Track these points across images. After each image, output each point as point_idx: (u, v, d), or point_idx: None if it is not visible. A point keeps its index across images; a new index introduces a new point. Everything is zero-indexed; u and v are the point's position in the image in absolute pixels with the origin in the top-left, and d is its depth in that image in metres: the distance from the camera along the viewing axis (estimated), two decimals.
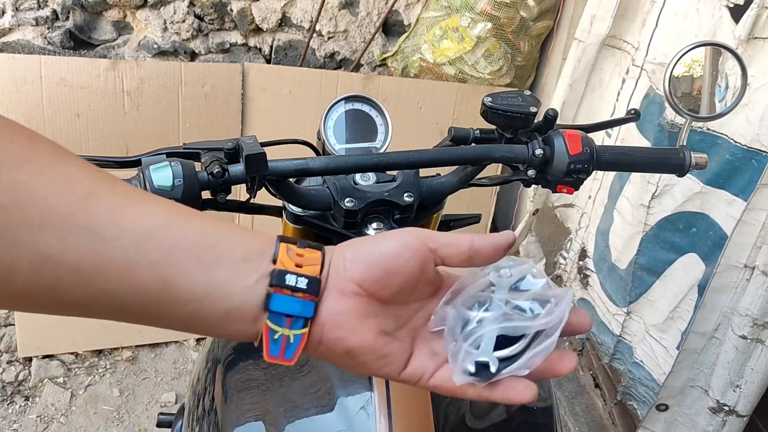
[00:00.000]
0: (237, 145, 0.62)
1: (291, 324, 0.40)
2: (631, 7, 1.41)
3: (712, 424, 1.30)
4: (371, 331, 0.41)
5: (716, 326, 1.23)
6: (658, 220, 1.29)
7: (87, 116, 1.65)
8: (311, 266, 0.40)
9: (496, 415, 0.63)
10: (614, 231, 1.43)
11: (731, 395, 1.25)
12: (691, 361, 1.28)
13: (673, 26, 1.24)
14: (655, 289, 1.34)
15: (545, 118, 0.70)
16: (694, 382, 1.30)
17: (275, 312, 0.40)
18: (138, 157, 0.60)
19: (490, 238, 0.43)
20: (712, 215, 1.18)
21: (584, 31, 1.46)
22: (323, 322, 0.41)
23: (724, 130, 1.13)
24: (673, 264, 1.28)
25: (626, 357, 1.45)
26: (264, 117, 1.82)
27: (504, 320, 0.41)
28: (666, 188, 1.25)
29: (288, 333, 0.40)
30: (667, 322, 1.31)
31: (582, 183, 0.69)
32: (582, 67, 1.49)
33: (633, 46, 1.40)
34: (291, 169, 0.63)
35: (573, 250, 1.64)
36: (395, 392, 0.58)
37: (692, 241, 1.23)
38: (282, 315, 0.40)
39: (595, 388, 1.91)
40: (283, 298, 0.40)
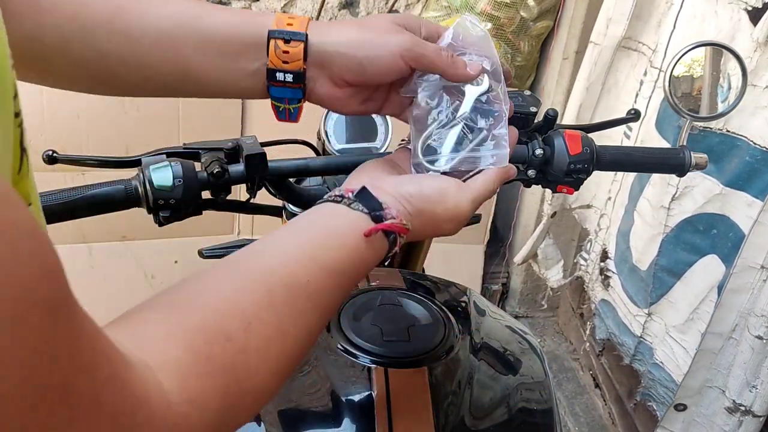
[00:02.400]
0: (237, 145, 0.62)
1: (289, 102, 0.55)
2: (646, 9, 1.40)
3: (729, 423, 1.30)
4: (356, 103, 0.57)
5: (733, 327, 1.23)
6: (678, 222, 1.29)
7: (87, 116, 1.65)
8: (295, 62, 0.52)
9: (496, 415, 0.63)
10: (635, 232, 1.43)
11: (747, 395, 1.26)
12: (709, 361, 1.28)
13: (690, 28, 1.24)
14: (675, 291, 1.34)
15: (545, 118, 0.70)
16: (712, 382, 1.30)
17: (275, 96, 0.55)
18: (138, 157, 0.60)
19: (460, 68, 0.55)
20: (733, 217, 1.18)
21: (600, 34, 1.45)
22: (321, 98, 0.56)
23: (744, 132, 1.13)
24: (694, 265, 1.29)
25: (646, 358, 1.45)
26: (264, 117, 1.81)
27: (460, 133, 0.54)
28: (686, 190, 1.25)
29: (288, 107, 0.56)
30: (688, 323, 1.31)
31: (582, 183, 0.69)
32: (598, 70, 1.48)
33: (649, 47, 1.40)
34: (291, 169, 0.63)
35: (594, 251, 1.64)
36: (395, 392, 0.58)
37: (712, 242, 1.24)
38: (281, 98, 0.55)
39: (595, 388, 1.91)
40: (277, 89, 0.54)
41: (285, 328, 0.38)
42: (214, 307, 0.36)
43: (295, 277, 0.40)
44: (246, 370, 0.35)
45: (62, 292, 0.24)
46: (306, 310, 0.40)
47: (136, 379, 0.28)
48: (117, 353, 0.28)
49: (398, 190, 0.50)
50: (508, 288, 2.26)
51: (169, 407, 0.30)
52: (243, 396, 0.35)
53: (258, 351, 0.36)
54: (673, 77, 0.74)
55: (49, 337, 0.22)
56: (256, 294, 0.38)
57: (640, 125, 1.38)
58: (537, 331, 2.19)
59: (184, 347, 0.33)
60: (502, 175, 0.55)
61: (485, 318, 0.74)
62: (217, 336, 0.34)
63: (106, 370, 0.26)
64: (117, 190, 0.57)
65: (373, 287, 0.71)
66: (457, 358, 0.64)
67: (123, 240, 1.79)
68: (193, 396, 0.31)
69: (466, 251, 2.09)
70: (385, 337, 0.62)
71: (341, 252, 0.44)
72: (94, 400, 0.25)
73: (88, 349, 0.25)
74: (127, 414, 0.27)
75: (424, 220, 0.51)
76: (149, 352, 0.31)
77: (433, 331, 0.65)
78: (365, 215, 0.47)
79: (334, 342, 0.62)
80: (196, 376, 0.32)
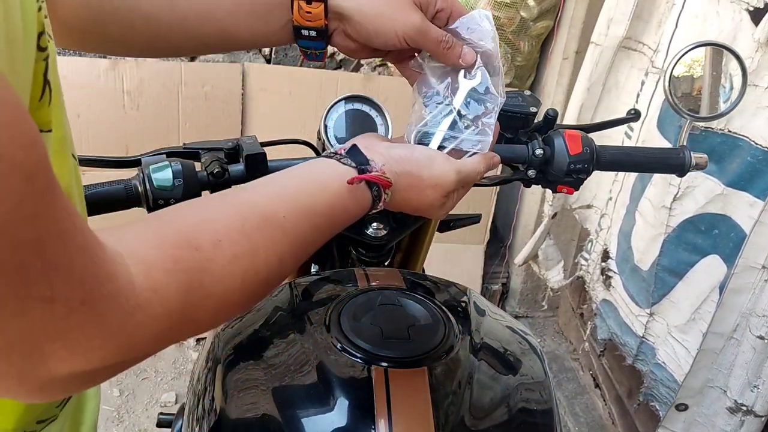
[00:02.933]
0: (237, 145, 0.62)
1: (315, 48, 0.64)
2: (646, 9, 1.40)
3: (730, 424, 1.30)
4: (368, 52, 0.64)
5: (735, 327, 1.23)
6: (680, 222, 1.29)
7: (87, 116, 1.65)
8: (317, 20, 0.60)
9: (496, 415, 0.63)
10: (636, 232, 1.43)
11: (749, 395, 1.26)
12: (710, 361, 1.28)
13: (692, 28, 1.24)
14: (677, 291, 1.34)
15: (545, 118, 0.70)
16: (713, 382, 1.30)
17: (302, 45, 0.63)
18: (138, 157, 0.60)
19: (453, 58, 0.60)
20: (734, 217, 1.18)
21: (601, 34, 1.45)
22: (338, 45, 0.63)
23: (745, 132, 1.13)
24: (696, 266, 1.29)
25: (649, 358, 1.45)
26: (264, 117, 1.82)
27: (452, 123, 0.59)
28: (688, 190, 1.25)
29: (315, 51, 0.64)
30: (689, 323, 1.31)
31: (582, 183, 0.69)
32: (599, 71, 1.48)
33: (649, 47, 1.40)
34: None
35: (595, 251, 1.64)
36: (395, 392, 0.58)
37: (714, 242, 1.24)
38: (307, 47, 0.63)
39: (595, 388, 1.91)
40: (303, 41, 0.62)
41: (255, 250, 0.42)
42: (190, 222, 0.40)
43: (273, 210, 0.44)
44: (210, 275, 0.38)
45: (40, 163, 0.27)
46: (279, 240, 0.44)
47: (107, 258, 0.32)
48: (90, 232, 0.31)
49: (389, 152, 0.55)
50: (508, 288, 2.26)
51: (133, 289, 0.33)
52: (205, 298, 0.38)
53: (224, 264, 0.39)
54: (673, 77, 0.74)
55: (25, 198, 0.26)
56: (232, 218, 0.42)
57: (642, 125, 1.38)
58: (537, 331, 2.19)
59: (154, 246, 0.36)
60: (488, 161, 0.60)
61: (485, 318, 0.74)
62: (187, 244, 0.38)
63: (79, 240, 0.30)
64: (117, 190, 0.57)
65: (373, 287, 0.71)
66: (457, 358, 0.64)
67: None
68: (156, 286, 0.35)
69: (466, 251, 2.09)
70: (385, 337, 0.62)
71: (323, 196, 0.48)
72: (66, 261, 0.29)
73: (64, 218, 0.29)
74: (93, 283, 0.30)
75: (410, 182, 0.54)
76: (122, 245, 0.34)
77: (433, 331, 0.65)
78: (352, 169, 0.51)
79: (334, 342, 0.62)
80: (162, 271, 0.35)
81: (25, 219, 0.26)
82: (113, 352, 0.32)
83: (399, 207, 0.56)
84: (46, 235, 0.27)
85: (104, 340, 0.31)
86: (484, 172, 0.60)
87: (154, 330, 0.34)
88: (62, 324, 0.29)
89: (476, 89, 0.59)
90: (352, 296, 0.68)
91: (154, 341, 0.35)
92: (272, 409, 0.59)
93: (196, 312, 0.38)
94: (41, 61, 0.32)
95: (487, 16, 0.62)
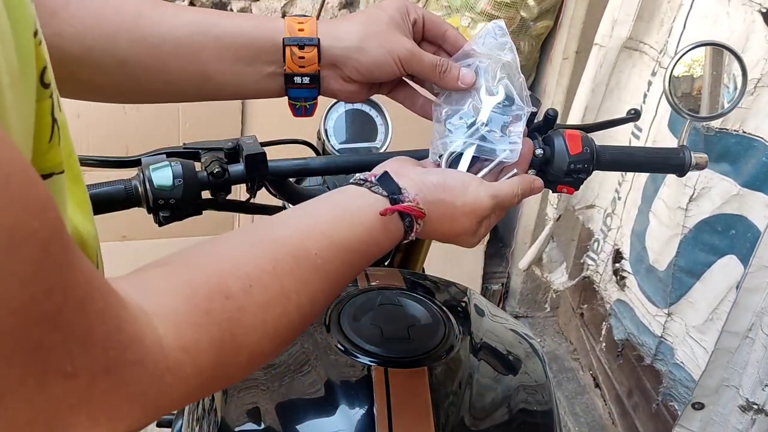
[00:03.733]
0: (237, 145, 0.62)
1: (305, 101, 0.61)
2: (648, 9, 1.40)
3: (742, 422, 1.30)
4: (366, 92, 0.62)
5: (750, 326, 1.23)
6: (696, 223, 1.29)
7: (87, 116, 1.65)
8: (311, 66, 0.57)
9: (496, 415, 0.63)
10: (650, 233, 1.43)
11: (760, 394, 1.26)
12: (726, 360, 1.28)
13: (702, 29, 1.23)
14: (695, 291, 1.34)
15: (545, 118, 0.70)
16: (729, 381, 1.30)
17: (292, 96, 0.60)
18: (138, 157, 0.60)
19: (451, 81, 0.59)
20: (750, 217, 1.18)
21: (605, 35, 1.45)
22: (334, 92, 0.61)
23: (760, 133, 1.13)
24: (713, 266, 1.28)
25: (667, 358, 1.45)
26: (264, 117, 1.82)
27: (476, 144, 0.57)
28: (703, 191, 1.25)
29: (305, 104, 0.61)
30: (707, 323, 1.31)
31: (582, 183, 0.69)
32: (603, 72, 1.48)
33: (652, 47, 1.40)
34: (291, 169, 0.63)
35: (604, 251, 1.64)
36: (395, 392, 0.58)
37: (731, 243, 1.23)
38: (298, 97, 0.60)
39: (595, 388, 1.91)
40: (294, 91, 0.59)
41: (287, 294, 0.39)
42: (218, 267, 0.37)
43: (304, 248, 0.42)
44: (243, 326, 0.36)
45: (54, 227, 0.25)
46: (311, 280, 0.41)
47: (131, 318, 0.30)
48: (112, 292, 0.29)
49: (421, 178, 0.52)
50: (508, 288, 2.26)
51: (161, 350, 0.31)
52: (237, 351, 0.36)
53: (256, 312, 0.37)
54: (673, 77, 0.74)
55: (41, 269, 0.24)
56: (262, 259, 0.39)
57: (651, 125, 1.38)
58: (537, 331, 2.19)
59: (183, 299, 0.34)
60: (526, 183, 0.57)
61: (485, 318, 0.74)
62: (218, 293, 0.35)
63: (100, 304, 0.28)
64: (117, 190, 0.57)
65: (373, 287, 0.71)
66: (457, 358, 0.63)
67: (123, 240, 1.79)
68: (187, 344, 0.32)
69: (466, 251, 2.09)
70: (385, 337, 0.62)
71: (355, 229, 0.46)
72: (86, 331, 0.27)
73: (82, 283, 0.27)
74: (118, 349, 0.28)
75: (444, 211, 0.52)
76: (149, 300, 0.32)
77: (433, 331, 0.65)
78: (384, 198, 0.48)
79: (334, 342, 0.62)
80: (192, 326, 0.33)
81: (42, 292, 0.24)
82: (140, 418, 0.30)
83: (430, 236, 0.54)
84: (64, 306, 0.25)
85: (131, 407, 0.29)
86: (522, 195, 0.56)
87: (183, 391, 0.32)
88: (85, 395, 0.27)
89: (500, 104, 0.58)
90: (352, 296, 0.68)
91: (183, 401, 0.33)
92: (272, 409, 0.59)
93: (228, 367, 0.36)
94: (47, 99, 0.30)
95: (501, 27, 0.60)
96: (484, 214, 0.53)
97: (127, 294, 0.31)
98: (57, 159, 0.31)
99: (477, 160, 0.57)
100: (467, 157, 0.57)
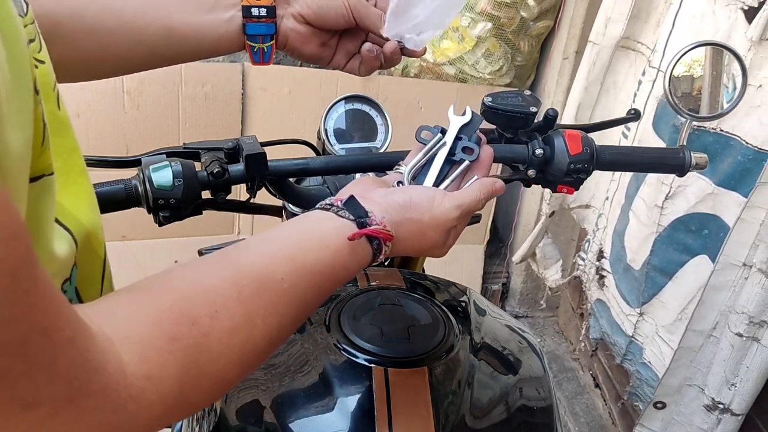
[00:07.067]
0: (237, 145, 0.62)
1: (262, 40, 0.65)
2: (644, 8, 1.40)
3: (707, 422, 1.30)
4: (316, 44, 0.69)
5: (714, 324, 1.23)
6: (671, 221, 1.29)
7: (87, 116, 1.65)
8: None
9: (496, 414, 0.63)
10: (630, 232, 1.43)
11: (726, 393, 1.25)
12: (689, 359, 1.28)
13: (690, 28, 1.24)
14: (666, 291, 1.34)
15: (545, 118, 0.70)
16: (691, 380, 1.30)
17: (250, 34, 0.64)
18: (138, 157, 0.60)
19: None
20: (723, 217, 1.18)
21: (599, 33, 1.45)
22: (287, 35, 0.67)
23: (737, 132, 1.13)
24: (685, 265, 1.28)
25: (636, 357, 1.45)
26: (264, 117, 1.82)
27: None
28: (679, 189, 1.25)
29: (262, 46, 0.66)
30: (676, 323, 1.31)
31: (582, 183, 0.69)
32: (597, 70, 1.48)
33: (647, 47, 1.40)
34: (291, 169, 0.63)
35: (591, 251, 1.64)
36: (395, 392, 0.58)
37: (704, 242, 1.23)
38: (255, 35, 0.65)
39: (595, 388, 1.91)
40: (252, 25, 0.64)
41: (253, 319, 0.39)
42: (184, 293, 0.37)
43: (270, 273, 0.41)
44: (208, 353, 0.36)
45: (24, 256, 0.25)
46: (277, 305, 0.41)
47: (96, 348, 0.29)
48: (79, 321, 0.29)
49: (386, 199, 0.52)
50: (508, 288, 2.26)
51: (125, 379, 0.31)
52: (201, 378, 0.36)
53: (222, 338, 0.37)
54: (673, 77, 0.74)
55: (7, 297, 0.24)
56: (227, 284, 0.39)
57: (638, 125, 1.38)
58: (537, 331, 2.19)
59: (148, 325, 0.34)
60: (488, 188, 0.57)
61: (485, 318, 0.74)
62: (183, 318, 0.35)
63: (66, 334, 0.27)
64: (117, 190, 0.57)
65: (373, 287, 0.71)
66: (457, 357, 0.64)
67: (123, 240, 1.79)
68: (151, 372, 0.32)
69: (466, 251, 2.09)
70: (385, 337, 0.62)
71: (322, 253, 0.45)
72: (51, 360, 0.26)
73: (49, 312, 0.26)
74: (82, 378, 0.28)
75: (412, 228, 0.52)
76: (114, 327, 0.32)
77: (433, 331, 0.65)
78: (351, 222, 0.48)
79: (334, 342, 0.62)
80: (156, 352, 0.33)
81: (8, 320, 0.24)
82: None
83: (400, 253, 0.54)
84: (30, 335, 0.25)
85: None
86: (485, 200, 0.57)
87: (146, 419, 0.32)
88: (48, 425, 0.27)
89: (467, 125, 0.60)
90: (352, 296, 0.68)
91: (146, 430, 0.33)
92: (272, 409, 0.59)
93: (191, 394, 0.35)
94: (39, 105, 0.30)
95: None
96: (451, 225, 0.54)
97: (93, 321, 0.30)
98: (47, 161, 0.31)
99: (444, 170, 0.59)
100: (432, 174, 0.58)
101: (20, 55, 0.28)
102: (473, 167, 0.60)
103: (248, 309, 0.39)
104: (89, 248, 0.39)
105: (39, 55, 0.35)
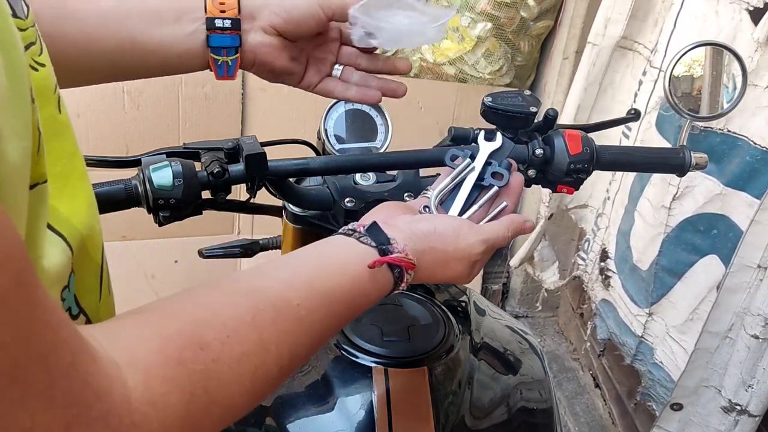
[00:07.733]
0: (237, 145, 0.62)
1: (227, 53, 0.62)
2: (642, 8, 1.40)
3: (724, 423, 1.30)
4: (286, 58, 0.65)
5: (730, 326, 1.23)
6: (679, 222, 1.29)
7: (87, 116, 1.65)
8: (231, 10, 0.61)
9: (496, 415, 0.63)
10: (635, 232, 1.43)
11: (743, 395, 1.26)
12: (705, 360, 1.28)
13: (692, 28, 1.24)
14: (676, 291, 1.34)
15: (545, 118, 0.70)
16: (708, 382, 1.30)
17: (214, 47, 0.61)
18: (138, 157, 0.60)
19: None
20: (732, 217, 1.18)
21: (598, 34, 1.45)
22: (255, 51, 0.63)
23: (744, 132, 1.13)
24: (694, 266, 1.28)
25: (647, 358, 1.45)
26: (264, 117, 1.82)
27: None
28: (687, 190, 1.25)
29: (226, 59, 0.63)
30: (687, 323, 1.31)
31: (582, 183, 0.69)
32: (596, 71, 1.48)
33: (646, 47, 1.40)
34: (291, 169, 0.63)
35: (593, 251, 1.64)
36: (395, 392, 0.58)
37: (713, 242, 1.24)
38: (219, 48, 0.62)
39: (595, 388, 1.91)
40: (216, 36, 0.61)
41: (266, 346, 0.38)
42: (194, 316, 0.36)
43: (286, 299, 0.40)
44: (217, 379, 0.34)
45: (17, 278, 0.24)
46: (293, 331, 0.40)
47: (99, 372, 0.28)
48: (82, 344, 0.28)
49: (411, 227, 0.51)
50: (508, 288, 2.26)
51: (129, 405, 0.29)
52: (209, 405, 0.34)
53: (232, 364, 0.35)
54: (673, 77, 0.74)
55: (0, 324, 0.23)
56: (241, 309, 0.38)
57: (640, 125, 1.38)
58: (537, 331, 2.19)
59: (155, 349, 0.32)
60: (516, 226, 0.56)
61: (485, 318, 0.74)
62: (192, 342, 0.34)
63: (66, 359, 0.26)
64: (117, 190, 0.57)
65: None
66: (457, 358, 0.64)
67: (123, 240, 1.79)
68: (155, 398, 0.31)
69: None
70: (385, 337, 0.62)
71: (341, 280, 0.44)
72: (47, 387, 0.25)
73: (46, 336, 0.25)
74: (81, 405, 0.27)
75: (435, 258, 0.51)
76: (120, 350, 0.31)
77: (433, 331, 0.65)
78: (372, 249, 0.47)
79: (334, 342, 0.62)
80: (162, 378, 0.32)
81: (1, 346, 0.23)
82: None
83: (423, 281, 0.53)
84: (23, 361, 0.24)
85: None
86: (512, 237, 0.56)
87: None
88: None
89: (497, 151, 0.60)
90: None
91: None
92: (272, 409, 0.59)
93: (198, 422, 0.34)
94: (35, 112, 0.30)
95: None
96: (476, 258, 0.52)
97: (98, 343, 0.29)
98: (42, 170, 0.31)
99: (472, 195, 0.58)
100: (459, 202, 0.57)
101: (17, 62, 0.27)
102: (502, 193, 0.58)
103: (261, 335, 0.37)
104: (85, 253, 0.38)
105: (39, 58, 0.34)
